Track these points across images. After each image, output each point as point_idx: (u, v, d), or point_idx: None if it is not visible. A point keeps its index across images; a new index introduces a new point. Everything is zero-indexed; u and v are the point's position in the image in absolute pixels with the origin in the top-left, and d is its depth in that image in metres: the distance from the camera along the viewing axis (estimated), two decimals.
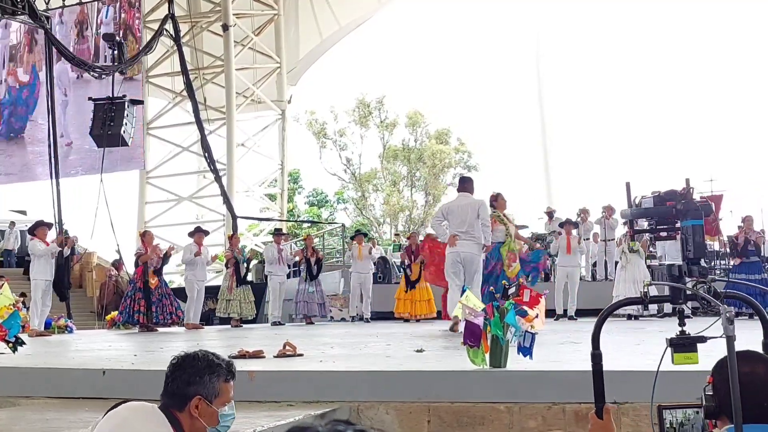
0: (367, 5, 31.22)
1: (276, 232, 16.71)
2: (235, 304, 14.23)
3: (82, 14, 20.25)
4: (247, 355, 6.50)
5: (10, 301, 7.03)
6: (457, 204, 9.36)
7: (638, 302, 2.58)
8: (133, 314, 12.74)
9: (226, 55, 27.55)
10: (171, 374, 2.63)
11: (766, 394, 2.18)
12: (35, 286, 12.14)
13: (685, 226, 2.58)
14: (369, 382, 5.00)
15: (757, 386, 2.18)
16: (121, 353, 8.19)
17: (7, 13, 12.23)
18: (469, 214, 9.14)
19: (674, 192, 2.68)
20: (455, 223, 9.19)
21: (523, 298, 5.10)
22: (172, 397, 2.60)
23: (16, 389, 5.72)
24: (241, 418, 4.40)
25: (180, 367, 2.63)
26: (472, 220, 9.14)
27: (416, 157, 36.58)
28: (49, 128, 14.39)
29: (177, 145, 29.43)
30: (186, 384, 2.60)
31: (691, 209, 2.60)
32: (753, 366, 2.22)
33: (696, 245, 2.56)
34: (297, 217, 37.69)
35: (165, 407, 2.61)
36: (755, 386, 2.18)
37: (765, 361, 2.25)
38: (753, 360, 2.24)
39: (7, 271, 22.02)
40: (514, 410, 4.59)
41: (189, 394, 2.59)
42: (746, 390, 2.15)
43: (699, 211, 2.59)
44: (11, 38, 20.95)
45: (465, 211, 9.18)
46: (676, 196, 2.65)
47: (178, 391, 2.60)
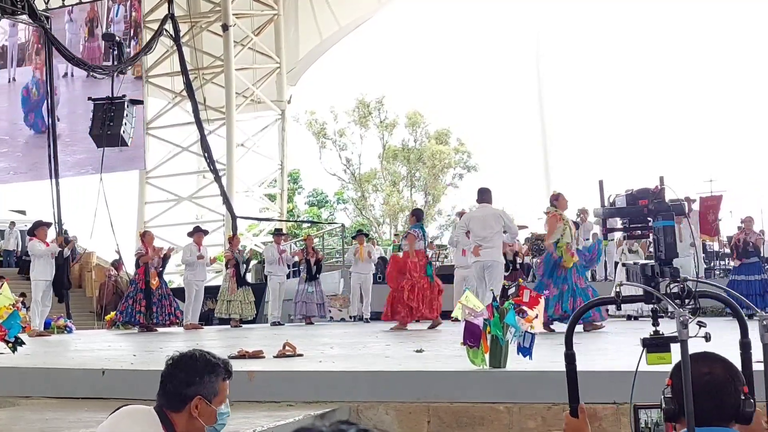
0: (367, 5, 31.22)
1: (276, 233, 16.71)
2: (235, 305, 14.23)
3: (93, 12, 20.23)
4: (247, 355, 6.50)
5: (10, 301, 7.03)
6: (479, 214, 9.96)
7: (611, 302, 2.58)
8: (134, 314, 12.75)
9: (225, 55, 27.55)
10: (169, 375, 2.62)
11: (724, 396, 2.17)
12: (35, 286, 12.13)
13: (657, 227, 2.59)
14: (369, 383, 4.99)
15: (715, 387, 2.17)
16: (121, 353, 8.19)
17: (7, 12, 12.22)
18: (490, 223, 9.75)
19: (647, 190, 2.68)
20: (478, 233, 9.78)
21: (523, 299, 5.10)
22: (171, 397, 2.60)
23: (15, 389, 5.72)
24: (241, 418, 4.40)
25: (178, 367, 2.62)
26: (494, 230, 9.75)
27: (416, 158, 36.59)
28: (49, 128, 14.37)
29: (177, 145, 29.42)
30: (185, 384, 2.59)
31: (663, 209, 2.60)
32: (711, 367, 2.20)
33: (667, 246, 2.57)
34: (297, 217, 37.68)
35: (159, 408, 2.60)
36: (713, 387, 2.17)
37: (723, 361, 2.23)
38: (711, 361, 2.23)
39: (7, 271, 22.01)
40: (513, 410, 4.59)
41: (189, 394, 2.59)
42: (704, 391, 2.15)
43: (670, 212, 2.59)
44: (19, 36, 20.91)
45: (487, 221, 9.78)
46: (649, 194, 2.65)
47: (176, 391, 2.59)
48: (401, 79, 56.48)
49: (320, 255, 15.77)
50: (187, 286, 13.84)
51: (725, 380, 2.18)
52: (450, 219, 35.80)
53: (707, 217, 16.24)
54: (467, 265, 14.71)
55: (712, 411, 2.16)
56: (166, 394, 2.60)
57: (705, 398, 2.15)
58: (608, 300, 2.64)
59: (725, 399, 2.17)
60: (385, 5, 32.10)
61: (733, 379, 2.19)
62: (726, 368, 2.21)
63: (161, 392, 2.62)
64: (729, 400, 2.17)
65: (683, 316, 2.20)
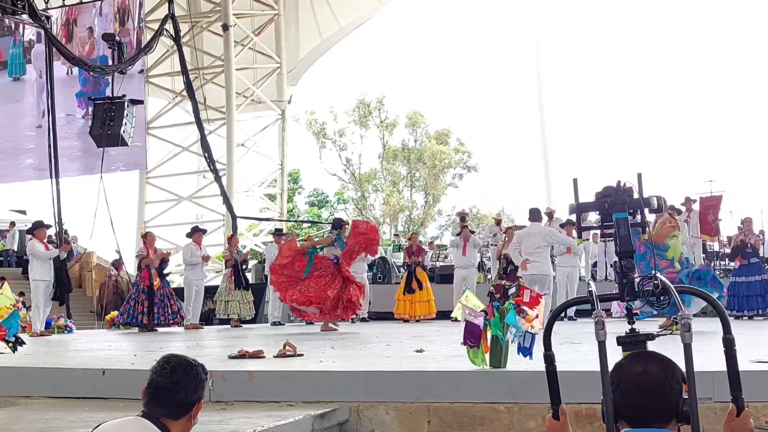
0: (367, 5, 31.21)
1: (276, 233, 16.70)
2: (233, 305, 14.20)
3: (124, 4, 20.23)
4: (247, 355, 6.50)
5: (11, 301, 7.02)
6: (528, 232, 11.23)
7: (585, 301, 2.58)
8: (136, 315, 12.74)
9: (226, 55, 27.53)
10: (176, 384, 2.56)
11: (660, 395, 2.12)
12: (35, 287, 12.11)
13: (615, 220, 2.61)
14: (369, 383, 4.99)
15: (650, 387, 2.12)
16: (121, 353, 8.19)
17: (7, 12, 12.23)
18: (538, 240, 10.92)
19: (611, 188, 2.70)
20: (527, 249, 10.85)
21: (523, 299, 5.10)
22: (179, 406, 2.57)
23: (16, 389, 5.72)
24: (241, 418, 4.40)
25: (185, 376, 2.59)
26: (541, 246, 10.92)
27: (416, 158, 36.61)
28: (49, 128, 14.37)
29: (177, 145, 29.39)
30: (193, 392, 2.59)
31: (619, 202, 2.61)
32: (646, 366, 2.16)
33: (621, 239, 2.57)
34: (297, 217, 37.69)
35: (155, 418, 2.54)
36: (648, 387, 2.12)
37: (661, 361, 2.18)
38: (646, 360, 2.19)
39: (7, 271, 22.01)
40: (514, 410, 4.59)
41: (194, 400, 2.59)
42: (638, 391, 2.11)
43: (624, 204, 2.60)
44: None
45: (535, 238, 10.97)
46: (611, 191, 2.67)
47: (187, 400, 2.57)
48: (401, 79, 56.47)
49: None
50: (187, 286, 13.83)
51: (661, 379, 2.13)
52: (450, 219, 35.85)
53: (707, 217, 16.25)
54: (467, 265, 14.78)
55: (648, 410, 2.11)
56: (171, 404, 2.55)
57: (638, 397, 2.11)
58: (582, 300, 2.64)
59: (661, 398, 2.12)
60: (385, 5, 32.09)
61: (669, 378, 2.13)
62: (663, 367, 2.15)
63: (162, 402, 2.56)
64: (666, 399, 2.12)
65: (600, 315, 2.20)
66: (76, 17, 19.89)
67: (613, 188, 2.64)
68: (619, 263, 2.54)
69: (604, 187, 2.67)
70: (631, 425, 2.14)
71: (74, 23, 19.69)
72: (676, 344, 2.27)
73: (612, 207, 2.59)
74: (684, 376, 2.18)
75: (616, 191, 2.63)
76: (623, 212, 2.57)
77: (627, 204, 2.57)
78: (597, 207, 2.68)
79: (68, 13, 19.63)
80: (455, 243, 15.01)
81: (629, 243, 2.54)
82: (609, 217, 2.61)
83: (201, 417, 2.68)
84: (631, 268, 2.54)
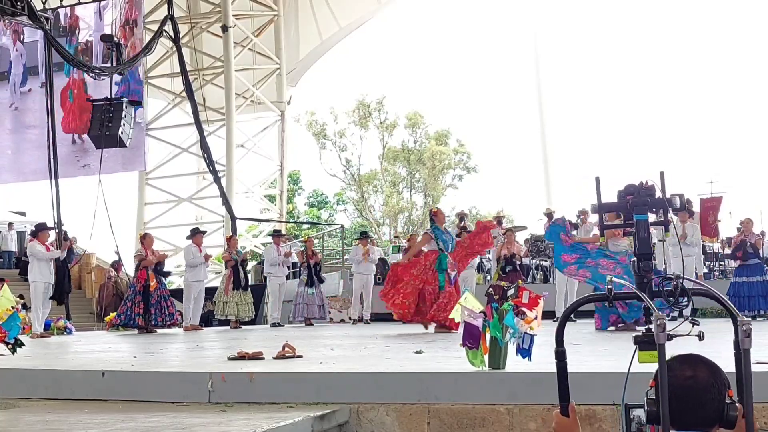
0: (366, 6, 31.22)
1: (275, 233, 16.69)
2: (231, 306, 14.20)
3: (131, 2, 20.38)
4: (247, 356, 6.50)
5: (12, 303, 7.02)
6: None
7: (603, 299, 2.57)
8: (132, 317, 12.75)
9: (225, 56, 27.53)
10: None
11: (707, 400, 2.13)
12: (34, 288, 12.11)
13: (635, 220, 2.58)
14: (369, 384, 4.99)
15: (698, 391, 2.14)
16: (121, 355, 8.18)
17: (7, 14, 12.21)
18: None
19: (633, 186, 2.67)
20: None
21: (522, 300, 5.09)
22: None
23: (15, 391, 5.71)
24: (241, 420, 4.40)
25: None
26: None
27: (416, 159, 36.61)
28: (49, 128, 14.37)
29: (176, 146, 29.40)
30: None
31: (640, 203, 2.59)
32: (695, 370, 2.17)
33: (640, 240, 2.55)
34: (297, 218, 37.69)
35: None
36: (696, 391, 2.14)
37: (708, 364, 2.19)
38: (695, 364, 2.19)
39: (6, 272, 22.00)
40: (514, 412, 4.58)
41: None
42: (687, 395, 2.12)
43: (645, 207, 2.58)
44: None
45: None
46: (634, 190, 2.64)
47: None
48: (401, 79, 56.54)
49: (319, 256, 15.75)
50: (186, 287, 13.83)
51: (709, 384, 2.14)
52: (450, 220, 35.84)
53: (707, 218, 16.26)
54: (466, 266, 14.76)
55: (694, 415, 2.13)
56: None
57: (687, 402, 2.12)
58: (599, 297, 2.62)
59: (708, 403, 2.13)
60: (385, 6, 32.11)
61: (717, 383, 2.15)
62: (711, 371, 2.17)
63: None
64: (712, 404, 2.13)
65: (662, 319, 2.17)
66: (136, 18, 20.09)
67: (636, 186, 2.61)
68: (637, 264, 2.52)
69: (626, 185, 2.64)
70: (676, 428, 2.14)
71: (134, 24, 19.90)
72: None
73: (633, 207, 2.56)
74: (728, 380, 2.19)
75: (638, 190, 2.59)
76: (644, 214, 2.55)
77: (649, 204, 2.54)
78: (619, 207, 2.65)
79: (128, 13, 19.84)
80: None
81: (648, 245, 2.52)
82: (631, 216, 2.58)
83: (200, 419, 2.65)
84: (649, 270, 2.52)
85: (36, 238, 12.29)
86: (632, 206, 2.57)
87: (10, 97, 21.60)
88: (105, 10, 20.71)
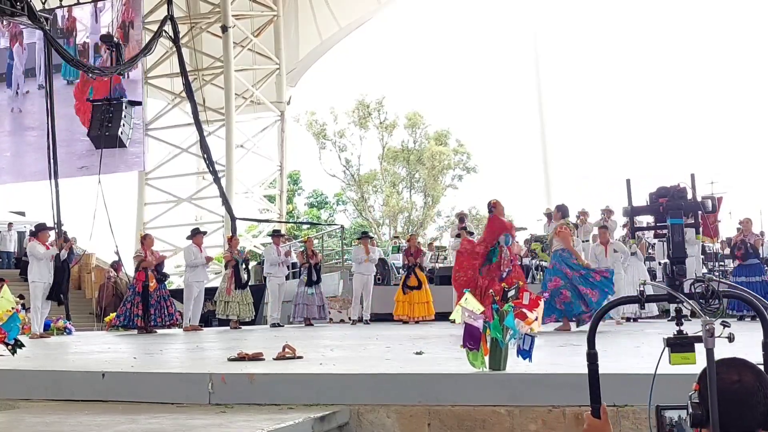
0: (366, 6, 31.21)
1: (275, 234, 16.68)
2: (233, 305, 14.19)
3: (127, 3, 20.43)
4: (247, 357, 6.49)
5: (12, 304, 7.01)
6: None
7: (635, 301, 2.57)
8: (132, 318, 12.74)
9: (225, 57, 27.52)
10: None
11: (752, 403, 2.14)
12: (34, 288, 12.10)
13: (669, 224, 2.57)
14: (369, 385, 4.98)
15: (745, 395, 2.14)
16: (121, 355, 8.18)
17: (6, 14, 12.21)
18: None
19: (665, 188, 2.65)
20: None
21: (523, 301, 5.08)
22: None
23: (15, 392, 5.70)
24: (242, 421, 4.39)
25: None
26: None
27: (415, 159, 36.61)
28: (49, 128, 14.37)
29: (176, 146, 29.38)
30: None
31: (673, 207, 2.57)
32: (741, 374, 2.17)
33: (674, 245, 2.54)
34: (296, 218, 37.68)
35: None
36: (742, 395, 2.14)
37: (753, 368, 2.20)
38: (741, 368, 2.19)
39: (6, 273, 22.00)
40: (514, 413, 4.58)
41: None
42: (733, 399, 2.12)
43: (679, 210, 2.56)
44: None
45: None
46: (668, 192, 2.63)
47: None
48: (401, 79, 56.54)
49: (319, 257, 15.74)
50: (186, 287, 13.81)
51: (755, 388, 2.15)
52: (449, 220, 35.83)
53: (707, 218, 16.24)
54: None
55: (739, 418, 2.13)
56: None
57: (733, 406, 2.12)
58: (632, 299, 2.62)
59: (754, 407, 2.14)
60: (385, 6, 32.10)
61: (762, 386, 2.16)
62: (756, 375, 2.18)
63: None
64: (758, 408, 2.14)
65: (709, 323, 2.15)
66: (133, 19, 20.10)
67: (668, 189, 2.60)
68: (670, 268, 2.51)
69: (657, 187, 2.63)
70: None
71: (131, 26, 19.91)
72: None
73: (667, 211, 2.55)
74: None
75: (671, 193, 2.58)
76: (678, 218, 2.53)
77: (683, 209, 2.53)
78: (651, 210, 2.64)
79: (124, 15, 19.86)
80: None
81: (683, 249, 2.51)
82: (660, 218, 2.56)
83: (200, 420, 2.64)
84: (683, 274, 2.51)
85: (36, 238, 12.28)
86: (666, 210, 2.55)
87: (9, 99, 21.62)
88: (102, 13, 20.72)
